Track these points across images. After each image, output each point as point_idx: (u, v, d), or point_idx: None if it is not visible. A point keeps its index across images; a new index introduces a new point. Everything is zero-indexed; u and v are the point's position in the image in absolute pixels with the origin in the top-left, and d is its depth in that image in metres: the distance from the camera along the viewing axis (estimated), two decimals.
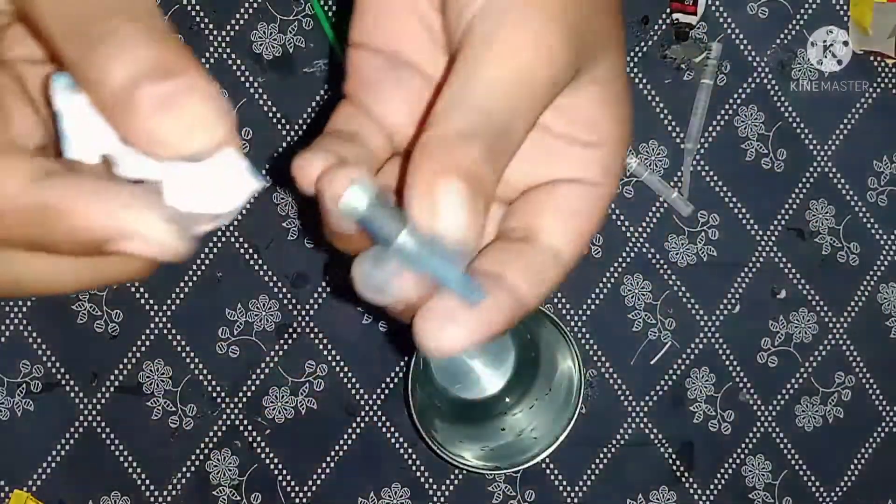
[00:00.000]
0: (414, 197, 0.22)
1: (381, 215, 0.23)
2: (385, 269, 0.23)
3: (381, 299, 0.24)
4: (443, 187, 0.22)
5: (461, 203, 0.22)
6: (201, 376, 0.55)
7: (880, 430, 0.61)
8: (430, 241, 0.22)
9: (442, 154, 0.23)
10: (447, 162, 0.22)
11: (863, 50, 0.60)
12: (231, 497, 0.55)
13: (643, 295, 0.59)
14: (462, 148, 0.23)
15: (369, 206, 0.23)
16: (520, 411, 0.57)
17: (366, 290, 0.24)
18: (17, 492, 0.53)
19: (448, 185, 0.22)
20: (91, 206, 0.19)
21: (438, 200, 0.22)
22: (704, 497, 0.60)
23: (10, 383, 0.54)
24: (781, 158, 0.60)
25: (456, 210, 0.22)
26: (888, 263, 0.61)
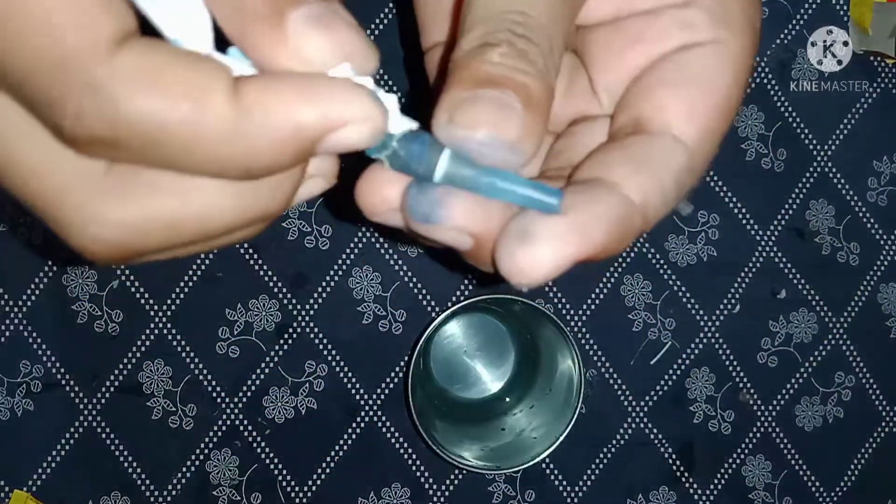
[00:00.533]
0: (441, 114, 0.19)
1: (413, 139, 0.20)
2: (431, 192, 0.20)
3: (434, 229, 0.21)
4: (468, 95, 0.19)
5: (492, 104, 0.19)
6: (201, 376, 0.55)
7: (880, 430, 0.61)
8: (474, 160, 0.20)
9: (463, 68, 0.20)
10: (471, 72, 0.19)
11: (863, 50, 0.60)
12: (231, 497, 0.55)
13: (643, 295, 0.59)
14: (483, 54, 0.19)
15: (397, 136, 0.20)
16: (520, 411, 0.57)
17: (415, 221, 0.21)
18: (17, 492, 0.53)
19: (473, 92, 0.19)
20: (304, 102, 0.17)
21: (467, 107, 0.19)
22: (704, 497, 0.60)
23: (10, 383, 0.54)
24: (781, 158, 0.60)
25: (485, 110, 0.19)
26: (888, 263, 0.61)
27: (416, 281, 0.57)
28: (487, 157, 0.19)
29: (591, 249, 0.20)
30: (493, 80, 0.19)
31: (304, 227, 0.56)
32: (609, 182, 0.20)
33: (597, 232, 0.19)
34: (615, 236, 0.20)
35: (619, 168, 0.21)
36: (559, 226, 0.19)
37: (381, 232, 0.57)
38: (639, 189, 0.20)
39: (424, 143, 0.20)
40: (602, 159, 0.22)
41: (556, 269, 0.19)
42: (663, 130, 0.22)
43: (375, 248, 0.56)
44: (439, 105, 0.20)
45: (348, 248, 0.56)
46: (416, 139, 0.20)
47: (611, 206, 0.20)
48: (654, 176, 0.21)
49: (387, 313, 0.57)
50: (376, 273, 0.56)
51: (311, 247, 0.56)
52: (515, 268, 0.19)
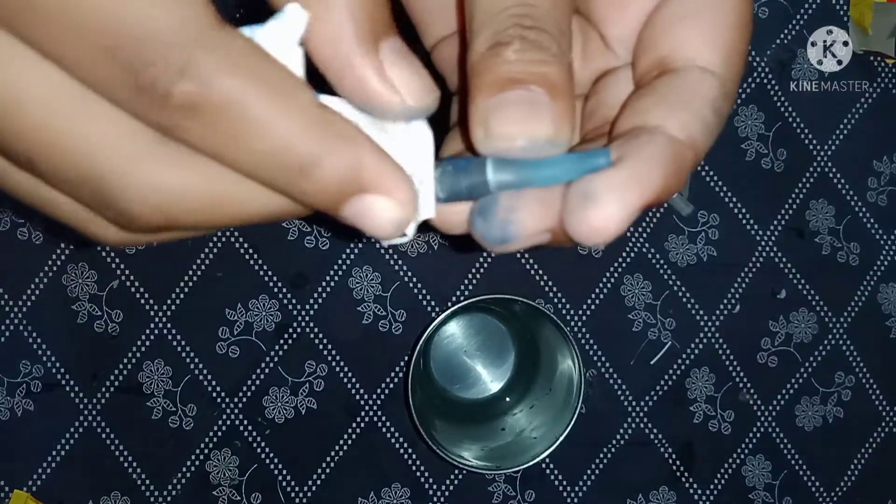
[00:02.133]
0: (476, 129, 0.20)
1: (456, 175, 0.20)
2: (496, 217, 0.21)
3: (513, 246, 0.21)
4: (494, 104, 0.19)
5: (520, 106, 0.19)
6: (201, 376, 0.55)
7: (880, 430, 0.61)
8: (519, 160, 0.20)
9: (483, 72, 0.20)
10: (492, 75, 0.20)
11: (863, 50, 0.60)
12: (231, 497, 0.55)
13: (643, 295, 0.59)
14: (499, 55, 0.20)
15: (438, 176, 0.21)
16: (520, 411, 0.57)
17: (493, 246, 0.21)
18: (17, 492, 0.53)
19: (498, 98, 0.19)
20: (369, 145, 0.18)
21: (498, 115, 0.19)
22: (704, 497, 0.60)
23: (10, 383, 0.54)
24: (781, 158, 0.60)
25: (517, 116, 0.19)
26: (888, 263, 0.61)
27: (416, 281, 0.57)
28: (532, 157, 0.20)
29: (653, 192, 0.20)
30: (514, 79, 0.20)
31: (304, 227, 0.56)
32: (650, 126, 0.21)
33: (653, 175, 0.20)
34: (671, 175, 0.20)
35: (655, 111, 0.21)
36: (616, 178, 0.19)
37: None
38: (680, 125, 0.21)
39: (465, 164, 0.20)
40: (636, 107, 0.22)
41: (626, 220, 0.20)
42: (688, 64, 0.22)
43: (375, 248, 0.56)
44: (471, 118, 0.20)
45: (348, 248, 0.56)
46: (454, 164, 0.21)
47: (660, 147, 0.20)
48: (691, 110, 0.21)
49: (387, 313, 0.57)
50: (376, 273, 0.56)
51: (311, 247, 0.56)
52: (587, 230, 0.20)
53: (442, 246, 0.57)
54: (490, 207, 0.21)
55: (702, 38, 0.22)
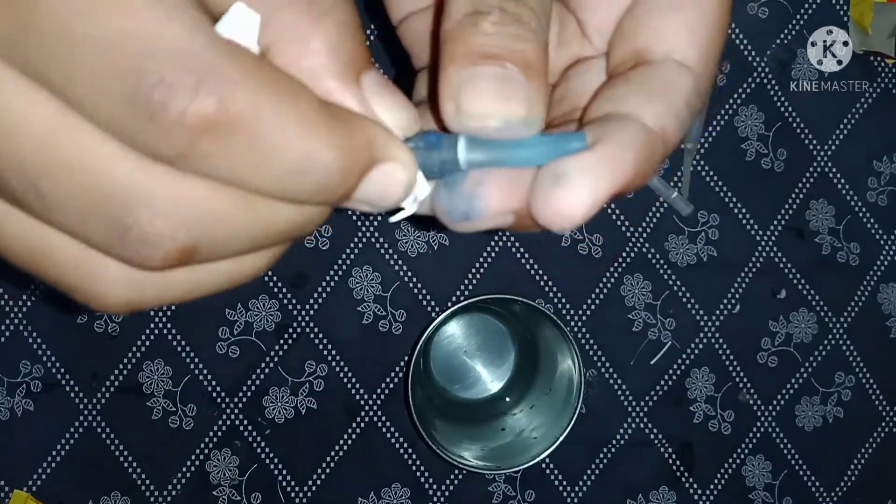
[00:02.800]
0: (447, 104, 0.19)
1: (427, 152, 0.20)
2: (461, 190, 0.20)
3: (476, 223, 0.20)
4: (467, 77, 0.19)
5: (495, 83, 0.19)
6: (201, 376, 0.55)
7: (880, 430, 0.61)
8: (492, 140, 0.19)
9: (457, 41, 0.19)
10: (466, 46, 0.19)
11: (863, 50, 0.60)
12: (231, 497, 0.55)
13: (643, 295, 0.59)
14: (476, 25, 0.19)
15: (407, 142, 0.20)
16: (520, 411, 0.57)
17: (455, 222, 0.20)
18: (17, 492, 0.53)
19: (472, 72, 0.19)
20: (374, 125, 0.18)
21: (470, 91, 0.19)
22: (704, 497, 0.60)
23: (10, 383, 0.54)
24: (781, 158, 0.60)
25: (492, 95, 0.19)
26: (888, 263, 0.61)
27: (416, 281, 0.57)
28: (503, 136, 0.19)
29: (624, 179, 0.19)
30: (490, 53, 0.19)
31: None
32: (623, 114, 0.21)
33: (626, 161, 0.19)
34: (643, 163, 0.20)
35: (630, 99, 0.21)
36: (589, 161, 0.19)
37: (382, 232, 0.57)
38: (654, 116, 0.21)
39: (436, 140, 0.20)
40: (610, 95, 0.22)
41: (594, 206, 0.19)
42: (665, 57, 0.22)
43: (375, 248, 0.56)
44: (441, 90, 0.19)
45: (348, 248, 0.56)
46: (425, 140, 0.20)
47: (634, 135, 0.20)
48: (665, 101, 0.21)
49: (387, 313, 0.57)
50: (376, 273, 0.56)
51: (311, 247, 0.56)
52: (554, 213, 0.19)
53: (442, 246, 0.57)
54: (456, 180, 0.20)
55: (681, 32, 0.22)
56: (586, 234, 0.58)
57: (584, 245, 0.58)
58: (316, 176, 0.17)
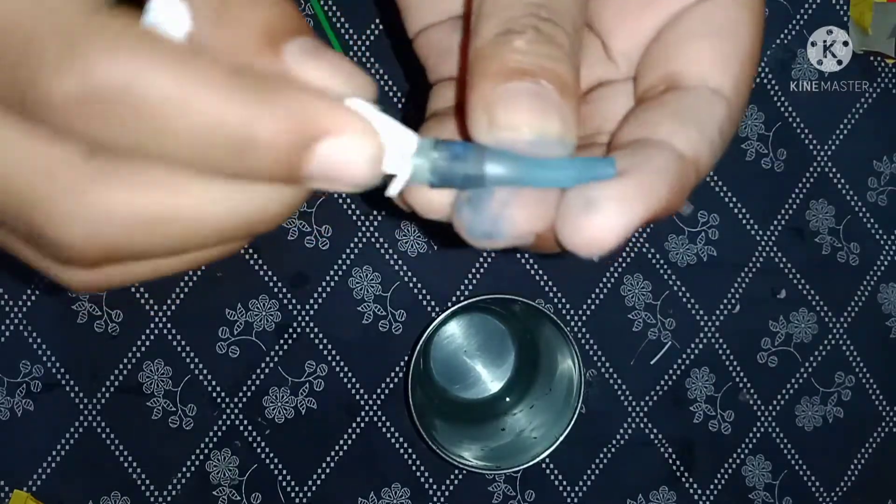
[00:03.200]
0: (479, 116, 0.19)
1: (453, 162, 0.19)
2: (487, 210, 0.19)
3: (498, 243, 0.20)
4: (502, 92, 0.18)
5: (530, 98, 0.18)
6: (201, 376, 0.55)
7: (880, 430, 0.61)
8: (519, 157, 0.19)
9: (489, 58, 0.19)
10: (500, 63, 0.19)
11: (863, 50, 0.60)
12: (231, 497, 0.55)
13: (643, 295, 0.59)
14: (509, 43, 0.19)
15: (432, 159, 0.19)
16: (520, 411, 0.57)
17: (477, 240, 0.20)
18: (17, 492, 0.53)
19: (507, 87, 0.18)
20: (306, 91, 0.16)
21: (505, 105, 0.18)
22: (704, 497, 0.60)
23: (10, 383, 0.54)
24: (781, 158, 0.60)
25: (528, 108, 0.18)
26: (888, 263, 0.61)
27: (416, 281, 0.57)
28: (535, 153, 0.19)
29: (656, 208, 0.19)
30: (524, 70, 0.19)
31: (304, 227, 0.56)
32: (656, 140, 0.20)
33: (660, 188, 0.19)
34: (675, 192, 0.19)
35: (663, 125, 0.21)
36: (622, 188, 0.19)
37: (382, 231, 0.57)
38: (688, 143, 0.20)
39: (462, 151, 0.19)
40: (643, 119, 0.21)
41: (625, 233, 0.19)
42: (699, 83, 0.21)
43: (375, 248, 0.56)
44: (472, 104, 0.19)
45: (348, 248, 0.56)
46: (450, 150, 0.19)
47: (667, 162, 0.20)
48: (699, 129, 0.21)
49: (387, 313, 0.57)
50: (376, 273, 0.56)
51: (311, 247, 0.56)
52: (583, 239, 0.19)
53: (442, 246, 0.57)
54: (482, 199, 0.19)
55: (715, 59, 0.22)
56: None
57: None
58: (240, 147, 0.16)
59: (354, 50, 0.56)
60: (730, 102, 0.21)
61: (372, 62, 0.56)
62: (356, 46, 0.56)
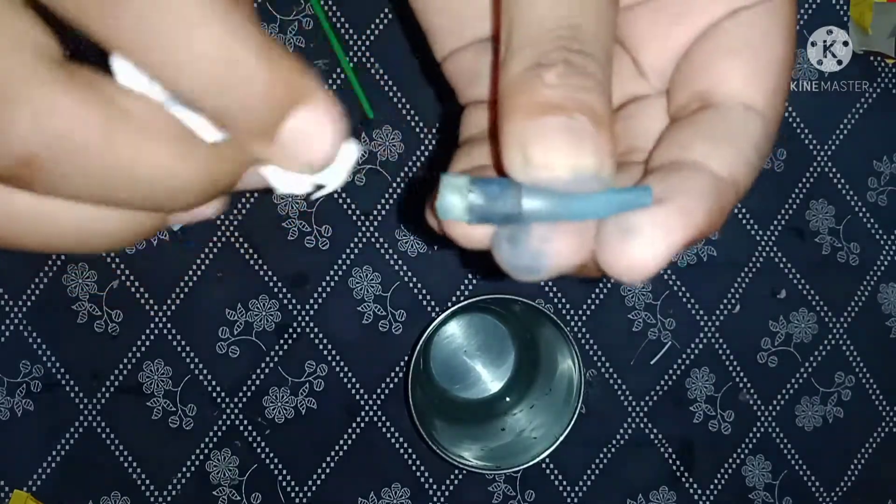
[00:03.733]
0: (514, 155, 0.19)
1: (490, 201, 0.19)
2: (527, 246, 0.19)
3: (541, 276, 0.20)
4: (535, 129, 0.18)
5: (565, 134, 0.18)
6: (201, 376, 0.55)
7: (880, 430, 0.61)
8: (557, 190, 0.19)
9: (520, 93, 0.19)
10: (531, 98, 0.18)
11: (863, 50, 0.60)
12: (231, 497, 0.55)
13: (643, 295, 0.59)
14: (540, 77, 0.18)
15: (468, 193, 0.19)
16: (520, 411, 0.57)
17: (518, 275, 0.20)
18: (17, 492, 0.53)
19: (540, 123, 0.18)
20: None
21: (540, 142, 0.18)
22: (704, 497, 0.60)
23: (10, 383, 0.54)
24: (781, 158, 0.60)
25: (562, 145, 0.18)
26: (888, 263, 0.61)
27: (416, 281, 0.57)
28: (572, 189, 0.19)
29: (696, 231, 0.19)
30: (556, 104, 0.18)
31: (304, 227, 0.56)
32: (691, 162, 0.20)
33: (699, 212, 0.19)
34: (715, 214, 0.19)
35: (698, 146, 0.20)
36: (661, 214, 0.19)
37: (382, 231, 0.57)
38: (724, 163, 0.20)
39: (499, 190, 0.19)
40: (677, 140, 0.21)
41: (666, 259, 0.19)
42: (732, 101, 0.21)
43: (375, 248, 0.56)
44: (506, 141, 0.19)
45: (348, 248, 0.56)
46: (486, 190, 0.19)
47: (704, 185, 0.19)
48: (735, 148, 0.20)
49: (387, 313, 0.57)
50: (376, 273, 0.56)
51: (311, 247, 0.56)
52: (626, 266, 0.19)
53: (442, 246, 0.57)
54: (521, 235, 0.19)
55: (748, 75, 0.21)
56: None
57: None
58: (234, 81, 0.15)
59: (354, 50, 0.56)
60: (765, 117, 0.21)
61: (372, 62, 0.56)
62: (356, 46, 0.56)
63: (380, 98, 0.56)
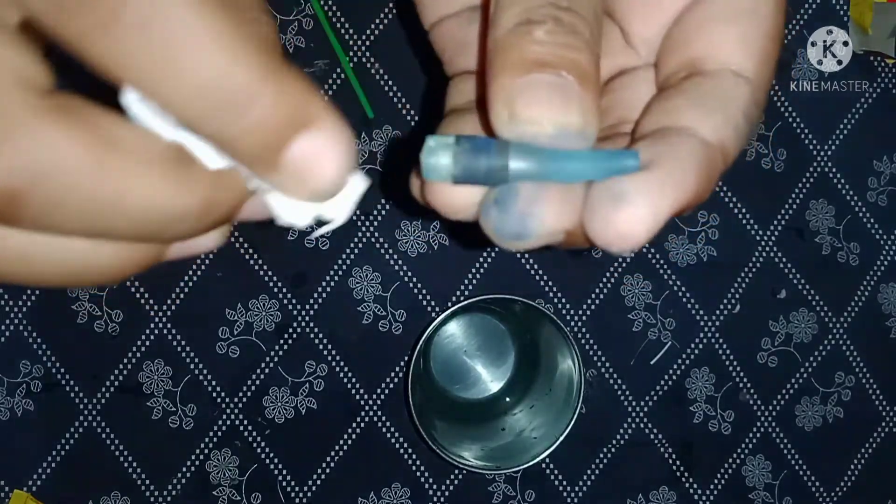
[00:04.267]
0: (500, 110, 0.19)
1: (475, 155, 0.19)
2: (514, 209, 0.19)
3: (528, 243, 0.19)
4: (522, 85, 0.18)
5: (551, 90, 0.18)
6: (201, 376, 0.55)
7: (880, 430, 0.61)
8: (542, 150, 0.19)
9: (509, 49, 0.19)
10: (519, 54, 0.18)
11: (863, 50, 0.60)
12: (231, 497, 0.55)
13: (643, 295, 0.59)
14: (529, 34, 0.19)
15: (454, 153, 0.19)
16: (520, 411, 0.57)
17: (504, 240, 0.20)
18: (17, 492, 0.53)
19: (527, 80, 0.18)
20: None
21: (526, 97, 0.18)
22: (704, 497, 0.60)
23: (10, 383, 0.54)
24: (781, 158, 0.60)
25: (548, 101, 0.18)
26: (888, 263, 0.61)
27: (416, 281, 0.57)
28: (557, 145, 0.19)
29: (686, 198, 0.19)
30: (545, 61, 0.18)
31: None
32: (680, 128, 0.20)
33: (688, 179, 0.19)
34: (704, 180, 0.19)
35: (686, 112, 0.20)
36: (651, 181, 0.18)
37: (382, 231, 0.57)
38: (713, 129, 0.20)
39: (484, 144, 0.19)
40: (665, 107, 0.21)
41: (656, 226, 0.19)
42: (721, 68, 0.21)
43: (375, 248, 0.56)
44: (492, 97, 0.19)
45: (348, 248, 0.56)
46: (472, 143, 0.19)
47: (693, 151, 0.19)
48: (724, 114, 0.20)
49: (387, 313, 0.57)
50: (376, 273, 0.56)
51: (311, 247, 0.56)
52: (614, 234, 0.18)
53: (442, 246, 0.57)
54: (509, 198, 0.19)
55: (737, 42, 0.21)
56: None
57: None
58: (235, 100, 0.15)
59: (354, 50, 0.56)
60: (753, 85, 0.21)
61: (372, 62, 0.56)
62: (356, 46, 0.56)
63: (380, 98, 0.56)
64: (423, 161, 0.19)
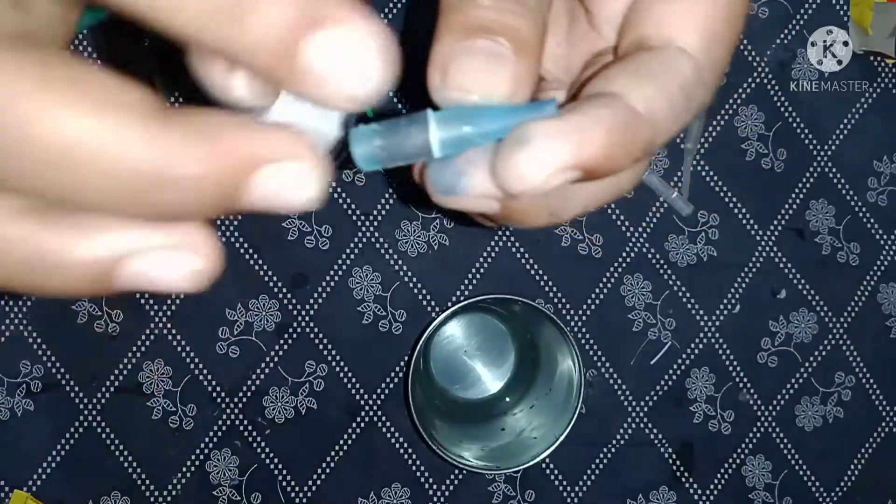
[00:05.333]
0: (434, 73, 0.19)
1: (397, 134, 0.19)
2: (452, 165, 0.20)
3: (460, 200, 0.20)
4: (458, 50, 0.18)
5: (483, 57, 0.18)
6: (201, 376, 0.55)
7: (880, 430, 0.61)
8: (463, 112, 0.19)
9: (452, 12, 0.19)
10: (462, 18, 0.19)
11: (863, 50, 0.60)
12: (231, 497, 0.55)
13: (643, 295, 0.59)
14: None
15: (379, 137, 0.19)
16: (520, 411, 0.57)
17: (437, 193, 0.20)
18: (17, 492, 0.53)
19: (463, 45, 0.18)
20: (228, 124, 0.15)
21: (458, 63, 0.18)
22: (704, 497, 0.60)
23: (10, 383, 0.54)
24: (781, 158, 0.60)
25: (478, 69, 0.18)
26: (888, 263, 0.61)
27: (416, 281, 0.57)
28: None
29: (590, 152, 0.18)
30: (484, 26, 0.19)
31: (304, 227, 0.56)
32: (608, 92, 0.20)
33: (595, 133, 0.19)
34: (617, 143, 0.19)
35: (619, 80, 0.20)
36: (555, 126, 0.18)
37: (382, 232, 0.57)
38: (642, 98, 0.20)
39: (403, 126, 0.19)
40: (604, 75, 0.21)
41: (555, 172, 0.18)
42: (666, 44, 0.21)
43: (375, 248, 0.56)
44: (431, 59, 0.19)
45: (348, 248, 0.56)
46: (393, 127, 0.19)
47: (611, 111, 0.19)
48: (656, 86, 0.20)
49: (387, 313, 0.57)
50: (376, 273, 0.56)
51: (311, 247, 0.56)
52: (513, 175, 0.18)
53: (442, 246, 0.57)
54: (449, 161, 0.20)
55: (686, 21, 0.21)
56: (586, 234, 0.58)
57: (584, 245, 0.58)
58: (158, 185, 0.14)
59: None
60: (699, 63, 0.21)
61: None
62: None
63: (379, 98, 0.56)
64: (352, 152, 0.19)
